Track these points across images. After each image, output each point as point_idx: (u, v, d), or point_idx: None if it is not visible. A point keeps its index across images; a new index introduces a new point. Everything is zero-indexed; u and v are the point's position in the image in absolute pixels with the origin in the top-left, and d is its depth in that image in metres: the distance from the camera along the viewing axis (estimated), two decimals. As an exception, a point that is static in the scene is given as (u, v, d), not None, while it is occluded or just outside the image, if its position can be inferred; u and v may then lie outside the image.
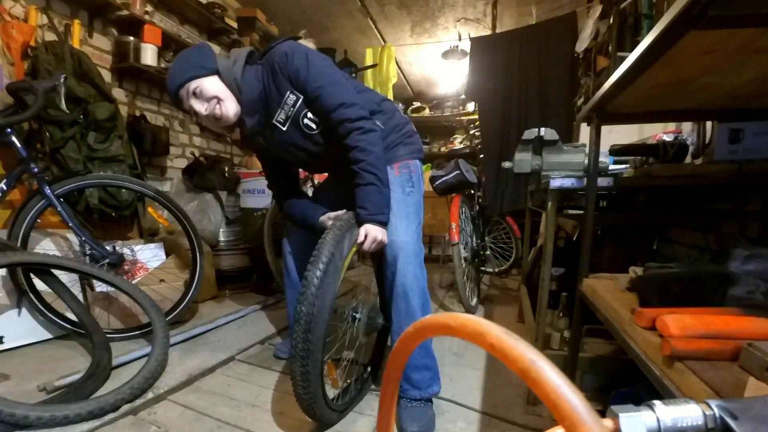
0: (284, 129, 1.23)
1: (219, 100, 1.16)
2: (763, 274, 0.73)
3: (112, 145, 2.00)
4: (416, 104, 5.46)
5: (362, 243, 1.17)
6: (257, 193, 2.72)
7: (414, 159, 1.37)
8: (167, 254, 2.09)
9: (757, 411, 0.27)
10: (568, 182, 1.21)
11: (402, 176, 1.32)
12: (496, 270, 3.30)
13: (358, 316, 1.30)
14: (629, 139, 1.81)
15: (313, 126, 1.23)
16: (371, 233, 1.17)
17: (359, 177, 1.17)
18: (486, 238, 3.02)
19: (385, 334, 1.50)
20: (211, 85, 1.15)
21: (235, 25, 3.27)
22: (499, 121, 3.20)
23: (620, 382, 1.15)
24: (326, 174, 1.56)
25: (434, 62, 4.69)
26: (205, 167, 2.56)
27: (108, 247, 1.72)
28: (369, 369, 1.45)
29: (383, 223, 1.20)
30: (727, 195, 1.27)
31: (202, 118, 1.19)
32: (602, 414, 0.25)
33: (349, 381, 1.35)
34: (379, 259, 1.40)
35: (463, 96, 5.11)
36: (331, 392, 1.25)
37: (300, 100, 1.19)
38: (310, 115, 1.21)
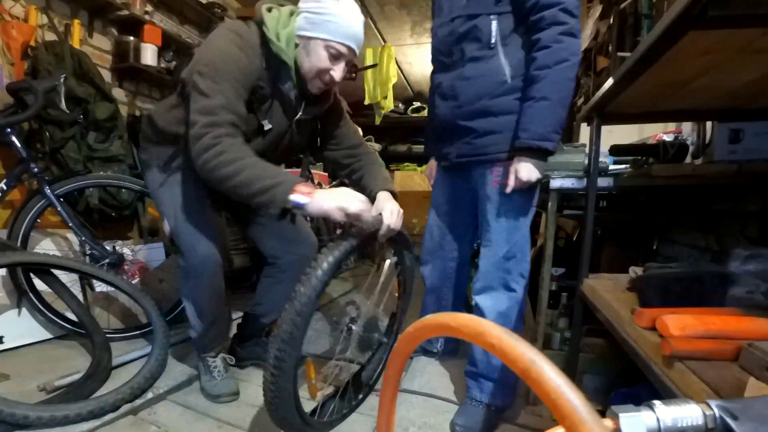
0: None
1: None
2: (763, 274, 0.73)
3: (112, 145, 2.00)
4: (416, 104, 5.44)
5: (514, 178, 0.96)
6: (257, 193, 2.72)
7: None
8: (167, 254, 2.08)
9: (757, 411, 0.27)
10: (568, 182, 1.21)
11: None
12: (496, 270, 3.29)
13: (354, 327, 1.18)
14: (629, 139, 1.81)
15: None
16: (521, 171, 0.95)
17: (533, 89, 0.92)
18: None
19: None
20: None
21: (235, 25, 3.27)
22: (499, 121, 3.19)
23: (620, 382, 1.15)
24: (326, 174, 1.46)
25: (434, 62, 4.69)
26: (205, 167, 2.56)
27: (108, 247, 1.72)
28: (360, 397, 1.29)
29: (545, 153, 0.95)
30: (727, 195, 1.27)
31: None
32: (602, 414, 0.25)
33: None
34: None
35: (463, 96, 5.09)
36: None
37: None
38: None
